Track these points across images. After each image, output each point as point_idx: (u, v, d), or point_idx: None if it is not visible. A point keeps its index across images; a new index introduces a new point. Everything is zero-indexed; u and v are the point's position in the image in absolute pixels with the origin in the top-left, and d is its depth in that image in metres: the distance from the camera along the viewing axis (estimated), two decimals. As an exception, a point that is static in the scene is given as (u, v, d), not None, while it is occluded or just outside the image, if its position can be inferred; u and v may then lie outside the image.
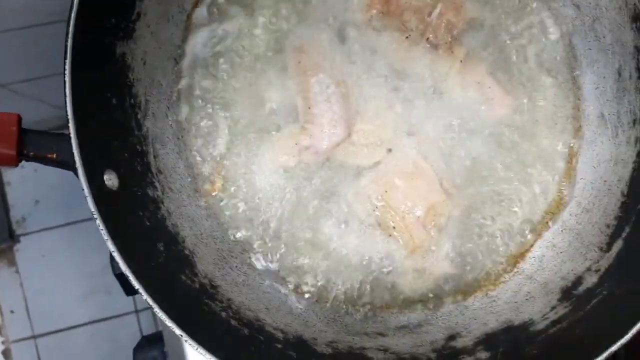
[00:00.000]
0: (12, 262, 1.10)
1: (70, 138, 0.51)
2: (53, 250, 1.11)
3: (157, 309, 0.52)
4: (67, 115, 0.51)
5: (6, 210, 1.10)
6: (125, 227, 0.56)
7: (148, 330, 1.11)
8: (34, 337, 1.09)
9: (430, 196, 0.68)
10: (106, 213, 0.53)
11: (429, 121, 0.69)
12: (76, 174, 0.52)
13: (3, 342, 1.06)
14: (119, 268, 0.53)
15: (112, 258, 0.53)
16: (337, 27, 0.69)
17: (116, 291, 0.66)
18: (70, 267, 1.12)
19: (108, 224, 0.52)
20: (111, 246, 0.51)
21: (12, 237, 1.11)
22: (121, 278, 0.59)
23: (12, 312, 1.08)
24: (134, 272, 0.52)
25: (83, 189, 0.51)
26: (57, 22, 0.96)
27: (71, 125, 0.51)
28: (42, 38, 0.97)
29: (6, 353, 1.08)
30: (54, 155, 0.51)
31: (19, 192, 1.12)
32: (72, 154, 0.51)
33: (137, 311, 1.11)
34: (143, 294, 0.52)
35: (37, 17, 0.93)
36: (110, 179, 0.56)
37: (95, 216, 0.51)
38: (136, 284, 0.51)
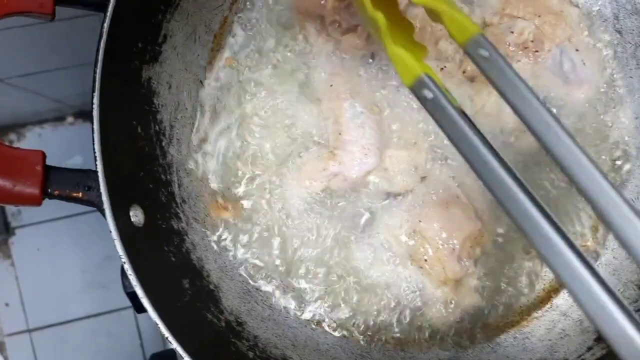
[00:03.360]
0: (8, 255, 1.08)
1: (96, 175, 0.48)
2: (49, 244, 1.09)
3: (186, 358, 0.49)
4: (94, 152, 0.48)
5: (1, 201, 1.08)
6: (152, 266, 0.53)
7: (144, 325, 1.09)
8: (29, 330, 1.07)
9: (466, 226, 0.65)
10: (133, 253, 0.50)
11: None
12: (102, 213, 0.49)
13: (-3, 335, 1.04)
14: (131, 287, 0.49)
15: (123, 274, 0.49)
16: (370, 50, 0.66)
17: (113, 285, 0.63)
18: (66, 261, 1.09)
19: (136, 266, 0.49)
20: (140, 292, 0.48)
21: (8, 230, 1.08)
22: (132, 296, 0.55)
23: (7, 305, 1.06)
24: (162, 319, 0.49)
25: (110, 231, 0.48)
26: (58, 21, 0.93)
27: (99, 163, 0.47)
28: (41, 34, 0.94)
29: (1, 347, 1.06)
30: (80, 195, 0.48)
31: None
32: (99, 192, 0.48)
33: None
34: (172, 342, 0.49)
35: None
36: (137, 215, 0.53)
37: (124, 260, 0.48)
38: (166, 333, 0.48)
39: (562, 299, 0.68)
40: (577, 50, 0.66)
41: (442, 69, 0.64)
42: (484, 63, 0.43)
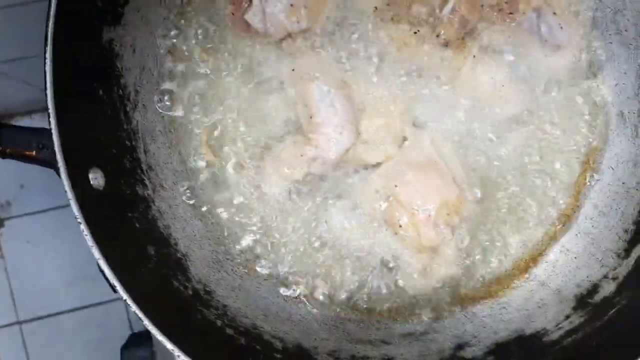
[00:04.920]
0: None
1: (51, 134, 0.46)
2: (38, 236, 1.08)
3: (147, 323, 0.48)
4: (47, 109, 0.46)
5: (-10, 194, 1.06)
6: (113, 230, 0.52)
7: (135, 316, 1.08)
8: (19, 322, 1.07)
9: (443, 192, 0.63)
10: (92, 216, 0.48)
11: (440, 114, 0.65)
12: (58, 173, 0.47)
13: (-13, 328, 1.03)
14: None
15: None
16: (334, 19, 0.64)
17: (102, 278, 0.62)
18: (56, 253, 1.08)
19: (94, 228, 0.48)
20: (97, 253, 0.47)
21: None
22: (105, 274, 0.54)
23: None
24: (122, 283, 0.47)
25: (65, 191, 0.47)
26: (42, 1, 0.91)
27: (52, 120, 0.46)
28: (27, 17, 0.92)
29: (-9, 339, 1.05)
30: (34, 153, 0.47)
31: (3, 175, 1.08)
32: (54, 151, 0.46)
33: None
34: (133, 306, 0.48)
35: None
36: (96, 178, 0.51)
37: (79, 220, 0.47)
38: (124, 295, 0.47)
39: (541, 269, 0.67)
40: (554, 13, 0.64)
41: (415, 32, 0.62)
42: None
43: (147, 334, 0.74)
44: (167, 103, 0.63)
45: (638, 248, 0.62)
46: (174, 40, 0.63)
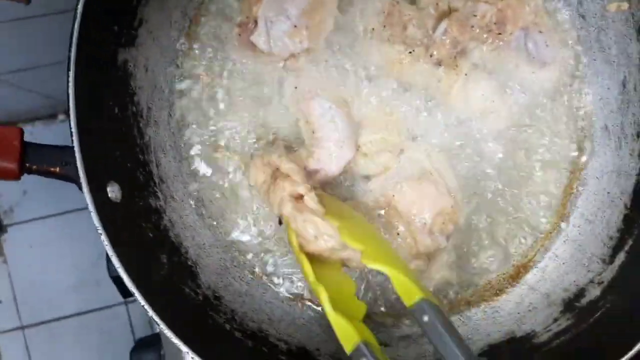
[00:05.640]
0: (0, 253, 1.09)
1: (73, 151, 0.50)
2: (41, 241, 1.10)
3: (163, 327, 0.51)
4: (70, 128, 0.50)
5: (-6, 200, 1.09)
6: (129, 240, 0.55)
7: (137, 321, 1.10)
8: (22, 327, 1.08)
9: (439, 202, 0.67)
10: (110, 226, 0.52)
11: (434, 128, 0.68)
12: (80, 187, 0.51)
13: (-9, 332, 1.05)
14: (115, 271, 0.51)
15: (108, 260, 0.52)
16: (334, 40, 0.67)
17: (105, 282, 0.65)
18: (58, 258, 1.10)
19: (113, 238, 0.51)
20: (116, 262, 0.50)
21: (0, 228, 1.09)
22: (117, 281, 0.57)
23: (0, 302, 1.07)
24: (139, 288, 0.51)
25: (87, 204, 0.50)
26: (49, 15, 0.94)
27: (75, 138, 0.49)
28: (33, 30, 0.95)
29: (-5, 344, 1.07)
30: (57, 169, 0.50)
31: (6, 182, 1.11)
32: (76, 167, 0.50)
33: (126, 302, 1.10)
34: (150, 312, 0.51)
35: (27, 10, 0.92)
36: (114, 192, 0.55)
37: (100, 231, 0.50)
38: (143, 302, 0.51)
39: (531, 274, 0.70)
40: (540, 32, 0.68)
41: (410, 52, 0.66)
42: (426, 326, 0.50)
43: (154, 337, 0.77)
44: (177, 118, 0.66)
45: (621, 254, 0.66)
46: (183, 60, 0.67)
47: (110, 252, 0.50)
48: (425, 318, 0.50)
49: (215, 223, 0.67)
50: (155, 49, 0.63)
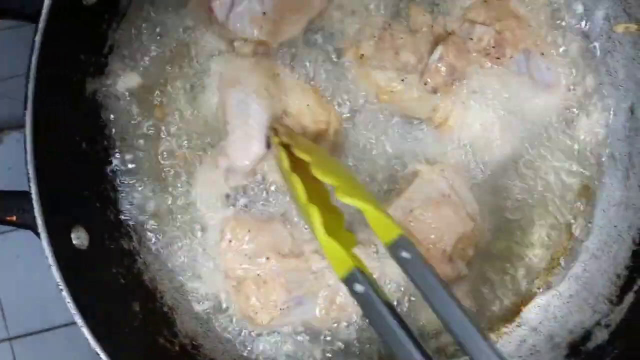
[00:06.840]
0: None
1: (31, 198, 0.45)
2: (28, 250, 1.06)
3: (132, 390, 0.46)
4: (27, 172, 0.45)
5: (-20, 208, 1.05)
6: (98, 290, 0.51)
7: None
8: (10, 339, 1.04)
9: (459, 226, 0.62)
10: (75, 280, 0.47)
11: (442, 152, 0.64)
12: (39, 236, 0.46)
13: (-23, 344, 1.01)
14: None
15: None
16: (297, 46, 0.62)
17: None
18: (46, 267, 1.06)
19: (78, 293, 0.46)
20: (80, 322, 0.45)
21: None
22: None
23: None
24: (106, 350, 0.46)
25: (46, 257, 0.45)
26: (25, 25, 0.89)
27: (32, 184, 0.44)
28: (16, 37, 0.91)
29: (-19, 356, 1.03)
30: (14, 218, 0.45)
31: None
32: (34, 216, 0.45)
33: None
34: (116, 374, 0.46)
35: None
36: (79, 238, 0.50)
37: (62, 288, 0.45)
38: (108, 364, 0.46)
39: (533, 313, 0.66)
40: (542, 54, 0.64)
41: (402, 80, 0.61)
42: (406, 264, 0.45)
43: None
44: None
45: (630, 295, 0.61)
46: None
47: (74, 311, 0.45)
48: (405, 254, 0.45)
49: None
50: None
